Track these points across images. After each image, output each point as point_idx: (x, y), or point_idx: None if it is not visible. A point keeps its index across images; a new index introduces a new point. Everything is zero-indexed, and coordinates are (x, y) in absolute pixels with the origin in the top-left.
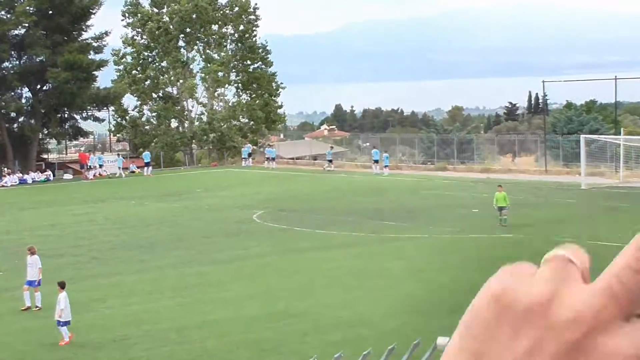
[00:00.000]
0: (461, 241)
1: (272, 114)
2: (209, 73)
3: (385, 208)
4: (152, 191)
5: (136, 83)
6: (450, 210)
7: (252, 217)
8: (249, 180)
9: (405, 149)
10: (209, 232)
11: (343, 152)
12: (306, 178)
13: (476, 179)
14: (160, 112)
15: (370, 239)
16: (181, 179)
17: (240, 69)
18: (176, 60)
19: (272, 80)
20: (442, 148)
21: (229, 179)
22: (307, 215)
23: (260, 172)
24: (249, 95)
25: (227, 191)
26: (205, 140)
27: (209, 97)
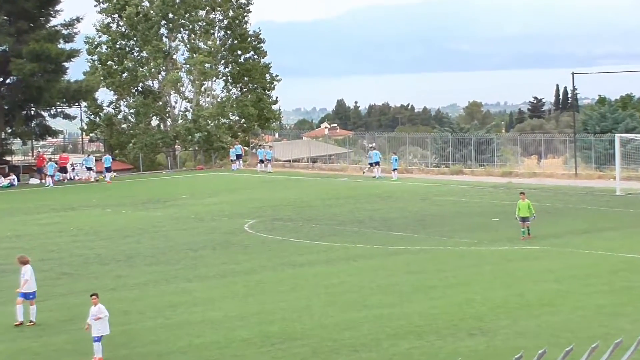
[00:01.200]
0: (479, 254)
1: (266, 110)
2: (195, 64)
3: (393, 216)
4: (131, 198)
5: (112, 76)
6: (467, 219)
7: (244, 227)
8: (240, 186)
9: (416, 150)
10: (195, 244)
11: (345, 154)
12: (304, 183)
13: (496, 183)
14: (139, 109)
15: (376, 251)
16: (163, 184)
17: (229, 60)
18: (157, 50)
19: (266, 72)
20: (457, 149)
21: (217, 184)
22: (305, 225)
23: (253, 176)
24: (239, 89)
25: (215, 198)
26: (190, 140)
27: (195, 91)
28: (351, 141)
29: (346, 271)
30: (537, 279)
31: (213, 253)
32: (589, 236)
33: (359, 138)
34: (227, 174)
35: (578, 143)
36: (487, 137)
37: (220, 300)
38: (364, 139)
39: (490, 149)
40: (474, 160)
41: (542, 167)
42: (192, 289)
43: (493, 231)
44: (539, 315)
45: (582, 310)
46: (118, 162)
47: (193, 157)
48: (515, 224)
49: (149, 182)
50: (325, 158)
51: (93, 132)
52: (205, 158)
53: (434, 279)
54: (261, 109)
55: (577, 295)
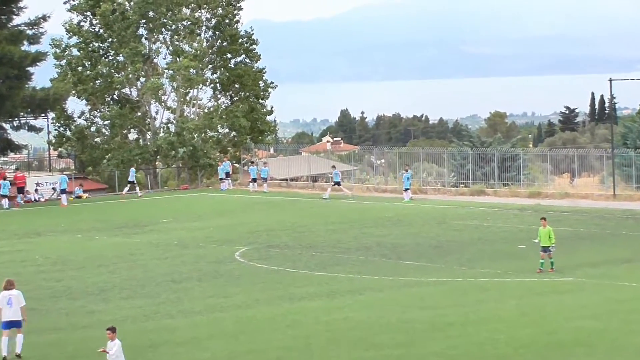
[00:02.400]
0: (503, 286)
1: (260, 122)
2: (178, 69)
3: (405, 243)
4: (105, 222)
5: (83, 82)
6: (489, 247)
7: (234, 255)
8: (230, 208)
9: (432, 167)
10: (178, 275)
11: (351, 172)
12: (303, 205)
13: (523, 206)
14: (114, 120)
15: (385, 283)
16: (142, 206)
17: (218, 65)
18: (136, 53)
19: (260, 78)
20: (479, 166)
21: (203, 206)
22: (304, 253)
23: (245, 197)
24: (229, 98)
25: (202, 222)
26: (173, 156)
27: (178, 100)
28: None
29: (351, 306)
30: (570, 315)
31: (199, 285)
32: (630, 266)
33: (365, 153)
34: (215, 194)
35: (617, 159)
36: (513, 153)
37: (207, 340)
38: (372, 155)
39: (515, 166)
40: (497, 179)
41: (575, 187)
42: (175, 327)
43: (519, 260)
44: (572, 356)
45: (621, 351)
46: (91, 181)
47: (176, 175)
48: (553, 252)
49: (125, 204)
50: (327, 176)
51: (62, 147)
52: (190, 176)
53: (451, 315)
54: (254, 120)
55: (616, 334)
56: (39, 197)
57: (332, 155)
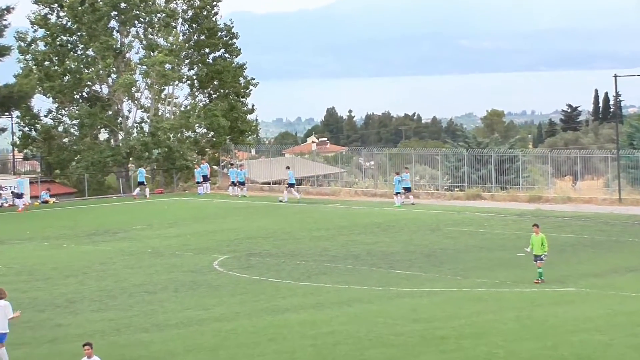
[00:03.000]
0: (501, 297)
1: (240, 121)
2: (153, 65)
3: (397, 251)
4: (74, 229)
5: (50, 79)
6: (486, 255)
7: (213, 264)
8: (208, 214)
9: (424, 169)
10: (152, 286)
11: (338, 174)
12: (287, 210)
13: (523, 211)
14: (84, 120)
15: (374, 293)
16: (114, 211)
17: (195, 60)
18: (107, 48)
19: (240, 74)
20: (474, 169)
21: (180, 212)
22: (288, 262)
23: (224, 202)
24: (207, 95)
25: (178, 228)
26: (147, 158)
27: (153, 98)
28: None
29: (338, 318)
30: (572, 329)
31: (175, 296)
32: (636, 276)
33: (354, 155)
34: (192, 199)
35: (622, 161)
36: (511, 154)
37: (184, 355)
38: (360, 156)
39: (514, 168)
40: (494, 182)
41: (578, 191)
42: (149, 341)
43: (518, 269)
44: None
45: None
46: (58, 185)
47: (151, 178)
48: (547, 261)
49: (96, 210)
50: (312, 179)
51: (27, 148)
52: (166, 179)
53: (446, 328)
54: (234, 120)
55: (622, 348)
56: (3, 202)
57: (317, 157)
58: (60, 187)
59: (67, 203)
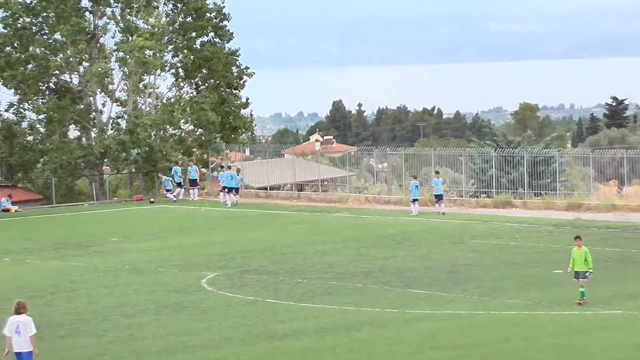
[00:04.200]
0: (535, 321)
1: (232, 116)
2: (131, 51)
3: (414, 267)
4: (39, 241)
5: (11, 67)
6: (518, 271)
7: (201, 282)
8: (196, 224)
9: (446, 172)
10: (130, 308)
11: (345, 178)
12: (286, 220)
13: (560, 220)
14: (51, 114)
15: (388, 316)
16: (85, 221)
17: (180, 45)
18: (78, 31)
19: (233, 62)
20: (504, 171)
21: (163, 222)
22: (288, 280)
23: (214, 210)
24: (194, 86)
25: (160, 241)
26: (124, 159)
27: (131, 89)
28: (353, 160)
29: (346, 345)
30: (619, 358)
31: (156, 320)
32: None
33: (364, 155)
34: (176, 207)
35: None
36: (546, 155)
37: None
38: (372, 157)
39: (550, 171)
40: (527, 188)
41: (624, 197)
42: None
43: (555, 288)
44: None
45: None
46: (21, 191)
47: (128, 183)
48: (588, 280)
49: (65, 219)
50: (316, 184)
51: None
52: (146, 184)
53: (471, 357)
54: (225, 115)
55: None
56: None
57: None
58: (23, 193)
59: (31, 211)
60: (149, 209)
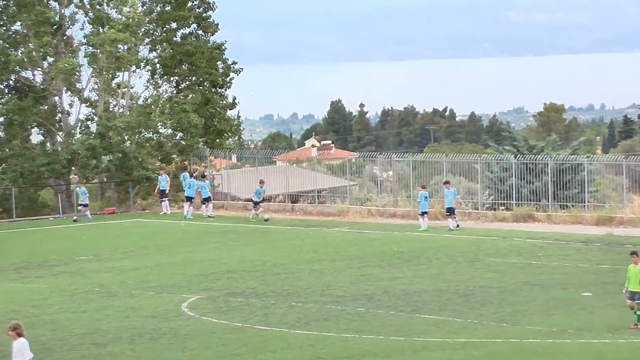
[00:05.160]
0: (562, 350)
1: (218, 118)
2: (102, 45)
3: (423, 289)
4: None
5: None
6: (541, 294)
7: (181, 306)
8: (175, 240)
9: (459, 181)
10: (102, 336)
11: (345, 188)
12: (279, 235)
13: (589, 236)
14: (11, 116)
15: (394, 345)
16: (51, 237)
17: (159, 38)
18: (42, 22)
19: (218, 58)
20: (526, 181)
21: (138, 238)
22: (280, 303)
23: (196, 224)
24: (174, 85)
25: (135, 260)
26: (94, 166)
27: (103, 88)
28: (354, 167)
29: None
30: None
31: (131, 349)
32: None
33: (366, 163)
34: (154, 220)
35: None
36: (574, 162)
37: None
38: (375, 164)
39: (578, 180)
40: (551, 199)
41: None
42: None
43: (583, 313)
44: None
45: None
46: None
47: (99, 194)
48: (622, 302)
49: (27, 235)
50: (312, 195)
51: None
52: (120, 195)
53: None
54: (210, 117)
55: None
56: None
57: (319, 165)
58: None
59: None
60: (123, 224)
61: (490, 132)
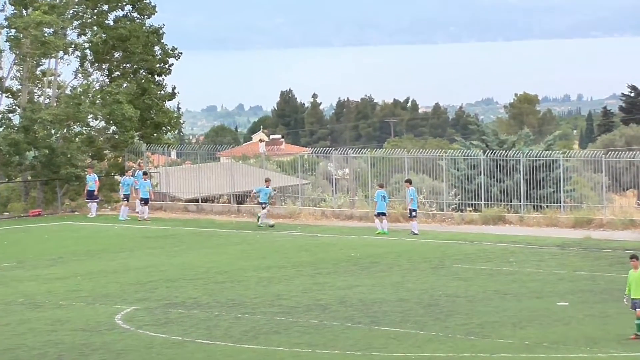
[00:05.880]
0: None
1: (155, 110)
2: (26, 28)
3: (383, 298)
4: None
5: None
6: (512, 304)
7: (115, 318)
8: (109, 245)
9: (422, 180)
10: (26, 352)
11: (297, 187)
12: (223, 240)
13: (565, 240)
14: None
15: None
16: None
17: (90, 21)
18: None
19: (155, 42)
20: (496, 179)
21: (66, 243)
22: (225, 315)
23: (131, 228)
24: (106, 73)
25: (64, 267)
26: (17, 164)
27: (26, 77)
28: (307, 164)
29: None
30: None
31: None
32: None
33: (320, 159)
34: (84, 223)
35: None
36: (549, 158)
37: None
38: (330, 161)
39: (553, 178)
40: (524, 199)
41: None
42: None
43: (559, 325)
44: None
45: None
46: None
47: (23, 194)
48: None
49: None
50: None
51: None
52: (46, 196)
53: None
54: (146, 109)
55: None
56: None
57: (267, 162)
58: None
59: None
60: (50, 227)
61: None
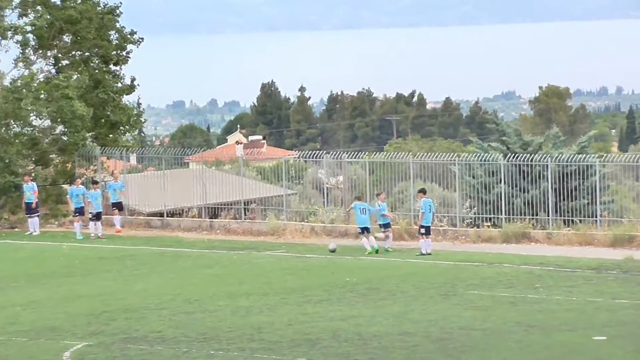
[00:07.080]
0: None
1: (111, 106)
2: None
3: (384, 332)
4: None
5: None
6: (540, 339)
7: (63, 356)
8: (55, 269)
9: (431, 189)
10: None
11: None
12: (193, 261)
13: (602, 261)
14: None
15: None
16: None
17: (32, 0)
18: None
19: (111, 26)
20: (519, 188)
21: (5, 265)
22: (195, 351)
23: (84, 247)
24: (53, 62)
25: (2, 295)
26: None
27: None
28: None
29: None
30: None
31: None
32: None
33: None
34: (26, 242)
35: None
36: (582, 163)
37: None
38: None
39: (587, 187)
40: (552, 212)
41: None
42: None
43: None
44: None
45: None
46: None
47: None
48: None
49: None
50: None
51: None
52: None
53: None
54: (101, 105)
55: None
56: None
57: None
58: None
59: None
60: None
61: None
